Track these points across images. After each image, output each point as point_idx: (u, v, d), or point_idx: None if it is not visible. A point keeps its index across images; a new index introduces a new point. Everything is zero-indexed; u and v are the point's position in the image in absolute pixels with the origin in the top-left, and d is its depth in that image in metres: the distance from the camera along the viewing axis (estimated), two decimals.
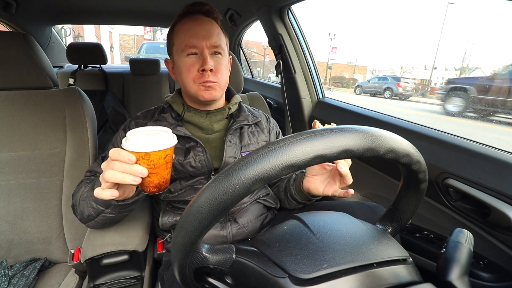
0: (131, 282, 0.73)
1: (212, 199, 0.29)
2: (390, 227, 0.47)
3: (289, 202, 0.82)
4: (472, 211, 0.76)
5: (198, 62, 0.70)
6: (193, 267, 0.36)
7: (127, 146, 0.48)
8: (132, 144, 0.47)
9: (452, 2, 28.06)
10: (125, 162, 0.47)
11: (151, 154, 0.47)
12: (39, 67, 0.85)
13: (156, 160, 0.48)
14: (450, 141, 0.83)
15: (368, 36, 68.15)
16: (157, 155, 0.48)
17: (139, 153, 0.47)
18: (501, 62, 27.80)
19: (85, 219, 0.64)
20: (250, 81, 2.30)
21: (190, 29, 0.70)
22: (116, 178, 0.48)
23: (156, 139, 0.48)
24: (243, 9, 1.60)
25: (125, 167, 0.47)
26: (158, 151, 0.47)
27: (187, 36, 0.70)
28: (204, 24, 0.71)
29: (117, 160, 0.48)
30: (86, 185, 0.66)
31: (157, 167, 0.49)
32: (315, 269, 0.33)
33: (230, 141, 0.76)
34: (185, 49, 0.70)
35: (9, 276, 0.75)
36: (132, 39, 23.76)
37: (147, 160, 0.48)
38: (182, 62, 0.71)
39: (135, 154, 0.47)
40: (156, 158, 0.48)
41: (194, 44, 0.69)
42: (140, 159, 0.48)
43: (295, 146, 0.29)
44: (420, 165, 0.37)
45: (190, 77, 0.71)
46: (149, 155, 0.47)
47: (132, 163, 0.47)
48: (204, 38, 0.70)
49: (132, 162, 0.47)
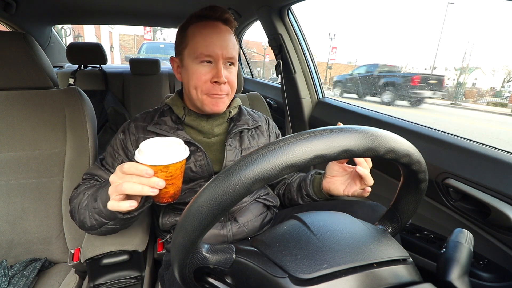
0: (131, 282, 0.73)
1: (212, 199, 0.29)
2: (390, 227, 0.47)
3: (304, 200, 0.83)
4: (472, 211, 0.76)
5: (211, 72, 0.69)
6: (193, 267, 0.36)
7: (143, 160, 0.47)
8: (150, 158, 0.47)
9: (452, 2, 28.01)
10: (142, 176, 0.47)
11: (170, 166, 0.48)
12: (39, 67, 0.85)
13: (173, 171, 0.49)
14: (450, 141, 0.83)
15: (368, 36, 68.12)
16: (174, 167, 0.49)
17: (158, 167, 0.47)
18: (502, 62, 27.89)
19: (86, 229, 0.64)
20: (250, 81, 2.30)
21: (208, 37, 0.68)
22: (134, 190, 0.47)
23: (173, 151, 0.48)
24: (243, 9, 1.60)
25: (142, 180, 0.47)
26: (176, 163, 0.48)
27: (204, 44, 0.67)
28: (223, 34, 0.69)
29: (135, 175, 0.48)
30: (85, 193, 0.65)
31: (174, 177, 0.50)
32: (315, 269, 0.33)
33: (230, 145, 0.76)
34: (200, 57, 0.68)
35: (9, 276, 0.75)
36: (132, 39, 23.75)
37: (165, 172, 0.48)
38: (193, 68, 0.69)
39: (153, 167, 0.47)
40: (173, 169, 0.49)
41: (210, 54, 0.67)
42: (158, 172, 0.48)
43: (295, 146, 0.29)
44: (420, 165, 0.37)
45: (199, 86, 0.69)
46: (168, 168, 0.48)
47: (150, 177, 0.47)
48: (222, 49, 0.68)
49: (151, 176, 0.47)
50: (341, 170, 0.72)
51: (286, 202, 0.90)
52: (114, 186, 0.49)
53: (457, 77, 13.69)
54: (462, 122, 5.60)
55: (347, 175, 0.71)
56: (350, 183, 0.70)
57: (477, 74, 23.07)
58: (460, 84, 14.81)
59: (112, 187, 0.50)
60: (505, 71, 19.53)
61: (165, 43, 8.05)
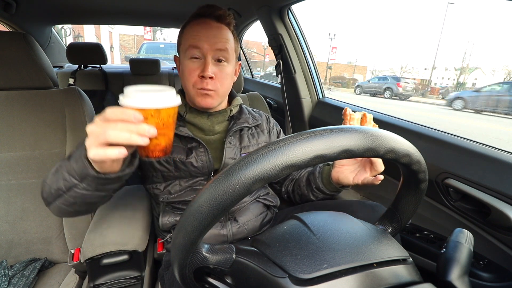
0: (131, 282, 0.73)
1: (212, 199, 0.29)
2: (390, 227, 0.47)
3: (315, 194, 0.82)
4: (472, 211, 0.76)
5: (200, 68, 0.69)
6: (193, 267, 0.36)
7: (131, 103, 0.40)
8: (138, 101, 0.40)
9: (452, 2, 28.04)
10: (130, 121, 0.40)
11: (162, 111, 0.42)
12: (39, 67, 0.85)
13: (166, 118, 0.43)
14: (450, 141, 0.83)
15: (368, 36, 68.06)
16: (167, 113, 0.43)
17: (148, 110, 0.41)
18: (502, 62, 27.89)
19: (52, 196, 0.53)
20: (250, 81, 2.30)
21: (196, 31, 0.69)
22: (120, 138, 0.39)
23: (165, 95, 0.42)
24: (243, 9, 1.60)
25: (130, 126, 0.40)
26: (169, 108, 0.43)
27: (192, 37, 0.69)
28: (212, 29, 0.69)
29: (120, 121, 0.40)
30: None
31: (165, 126, 0.44)
32: (315, 269, 0.33)
33: (230, 142, 0.76)
34: (189, 49, 0.69)
35: (9, 276, 0.75)
36: (132, 39, 23.77)
37: (156, 118, 0.42)
38: (185, 64, 0.71)
39: (143, 111, 0.41)
40: (166, 116, 0.43)
41: (197, 45, 0.68)
42: (148, 117, 0.41)
43: (295, 146, 0.29)
44: (420, 165, 0.37)
45: (190, 81, 0.71)
46: (160, 113, 0.42)
47: (139, 122, 0.40)
48: (209, 42, 0.68)
49: (139, 121, 0.40)
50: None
51: (297, 198, 0.89)
52: (95, 136, 0.41)
53: (457, 77, 13.69)
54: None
55: (357, 164, 0.70)
56: (360, 171, 0.69)
57: (477, 74, 23.03)
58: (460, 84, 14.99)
59: (92, 137, 0.41)
60: (505, 71, 19.43)
61: (165, 43, 8.05)
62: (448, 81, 38.91)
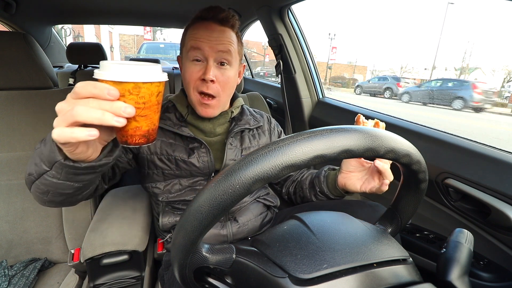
0: (131, 282, 0.73)
1: (212, 199, 0.29)
2: (390, 227, 0.47)
3: (318, 198, 0.80)
4: (472, 211, 0.76)
5: (201, 70, 0.69)
6: (193, 267, 0.36)
7: (105, 76, 0.34)
8: (114, 73, 0.34)
9: (452, 2, 28.07)
10: (103, 98, 0.34)
11: (142, 87, 0.35)
12: (39, 67, 0.85)
13: (147, 96, 0.36)
14: (450, 141, 0.83)
15: (368, 36, 68.06)
16: (149, 90, 0.36)
17: (125, 84, 0.34)
18: (502, 62, 27.95)
19: (27, 182, 0.49)
20: (250, 81, 2.30)
21: (198, 34, 0.68)
22: (90, 116, 0.33)
23: (147, 68, 0.36)
24: (243, 9, 1.60)
25: (103, 104, 0.34)
26: (151, 83, 0.36)
27: (193, 39, 0.68)
28: (215, 31, 0.68)
29: (92, 97, 0.34)
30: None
31: (147, 107, 0.37)
32: (315, 269, 0.33)
33: (231, 143, 0.76)
34: (190, 51, 0.68)
35: (9, 276, 0.75)
36: (132, 39, 23.77)
37: (135, 95, 0.35)
38: (186, 66, 0.70)
39: (118, 86, 0.34)
40: (147, 93, 0.36)
41: (199, 46, 0.67)
42: (125, 94, 0.35)
43: (295, 146, 0.29)
44: (420, 165, 0.37)
45: (191, 84, 0.70)
46: (139, 88, 0.35)
47: (114, 99, 0.34)
48: (210, 44, 0.67)
49: (115, 97, 0.34)
50: (358, 165, 0.69)
51: (298, 200, 0.88)
52: (62, 114, 0.35)
53: (457, 77, 13.85)
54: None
55: (365, 171, 0.69)
56: (368, 178, 0.68)
57: (477, 74, 23.16)
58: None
59: (60, 116, 0.36)
60: (505, 71, 19.64)
61: (165, 43, 8.05)
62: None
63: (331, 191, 0.76)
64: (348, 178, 0.70)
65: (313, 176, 0.82)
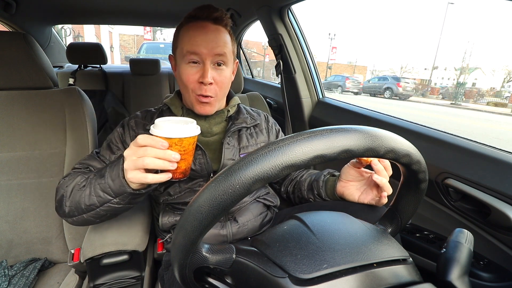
0: (131, 282, 0.73)
1: (212, 199, 0.29)
2: (390, 227, 0.47)
3: (315, 200, 0.81)
4: (472, 211, 0.76)
5: (199, 73, 0.68)
6: (193, 267, 0.36)
7: (159, 133, 0.49)
8: (165, 131, 0.49)
9: (452, 2, 28.01)
10: (158, 148, 0.48)
11: (184, 140, 0.50)
12: (39, 67, 0.85)
13: (187, 146, 0.51)
14: (450, 141, 0.83)
15: (368, 36, 68.07)
16: (188, 141, 0.51)
17: (173, 139, 0.49)
18: (502, 62, 27.93)
19: (80, 211, 0.59)
20: (250, 81, 2.30)
21: (193, 36, 0.67)
22: (155, 165, 0.48)
23: (187, 126, 0.51)
24: (243, 9, 1.60)
25: (158, 152, 0.48)
26: (190, 137, 0.51)
27: (189, 43, 0.67)
28: (210, 33, 0.67)
29: (150, 146, 0.48)
30: (82, 176, 0.62)
31: (186, 153, 0.51)
32: (315, 269, 0.33)
33: (228, 143, 0.76)
34: (187, 55, 0.68)
35: (9, 276, 0.75)
36: (132, 39, 23.77)
37: (179, 146, 0.50)
38: (182, 68, 0.70)
39: (168, 140, 0.49)
40: (187, 144, 0.51)
41: (195, 51, 0.67)
42: (173, 145, 0.50)
43: (295, 146, 0.29)
44: (420, 165, 0.37)
45: (188, 86, 0.70)
46: (182, 141, 0.50)
47: (165, 149, 0.48)
48: (207, 48, 0.66)
49: (165, 148, 0.48)
50: (357, 175, 0.68)
51: (297, 200, 0.88)
52: (132, 161, 0.50)
53: (457, 77, 13.92)
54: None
55: (364, 181, 0.68)
56: (366, 189, 0.67)
57: (477, 74, 23.21)
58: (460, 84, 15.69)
59: (129, 161, 0.50)
60: (505, 71, 19.80)
61: (165, 43, 8.05)
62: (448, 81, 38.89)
63: (329, 197, 0.76)
64: (346, 188, 0.71)
65: (312, 179, 0.82)
